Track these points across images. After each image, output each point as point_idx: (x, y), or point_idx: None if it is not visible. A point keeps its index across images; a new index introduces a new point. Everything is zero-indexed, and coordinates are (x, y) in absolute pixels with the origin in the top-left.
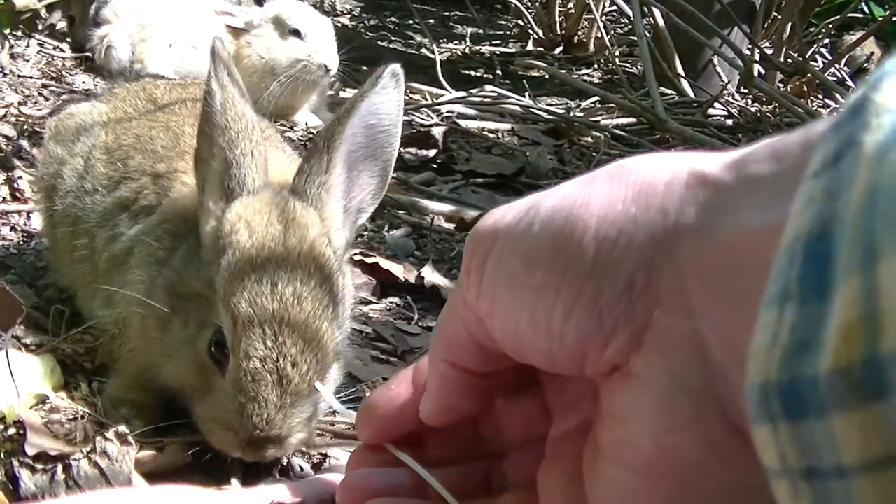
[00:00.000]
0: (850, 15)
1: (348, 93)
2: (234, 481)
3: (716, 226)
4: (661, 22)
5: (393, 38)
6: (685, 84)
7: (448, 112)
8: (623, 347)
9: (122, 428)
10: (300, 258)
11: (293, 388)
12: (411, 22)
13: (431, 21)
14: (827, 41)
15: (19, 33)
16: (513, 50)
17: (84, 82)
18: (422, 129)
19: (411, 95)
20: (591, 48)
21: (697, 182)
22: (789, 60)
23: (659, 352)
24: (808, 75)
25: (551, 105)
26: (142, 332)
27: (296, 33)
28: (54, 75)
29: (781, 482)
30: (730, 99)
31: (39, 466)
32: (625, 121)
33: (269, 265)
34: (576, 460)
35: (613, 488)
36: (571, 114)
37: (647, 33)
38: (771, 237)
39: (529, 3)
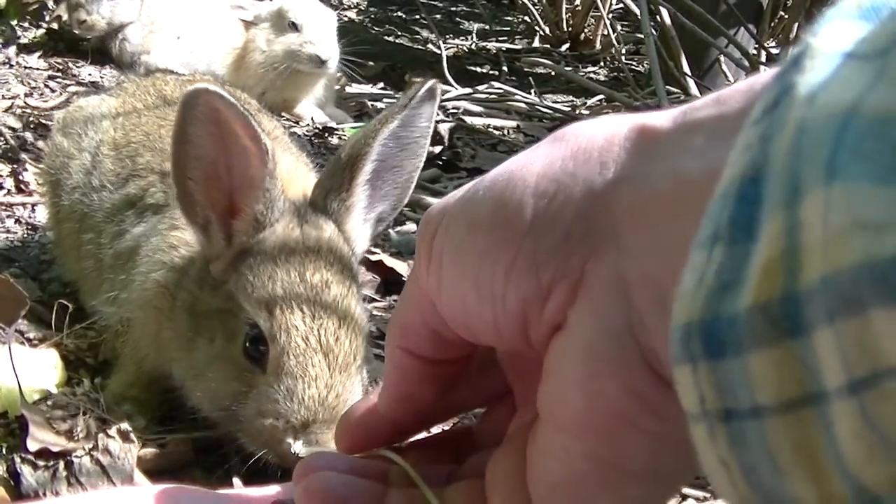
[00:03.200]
0: None
1: (354, 88)
2: (237, 480)
3: (652, 172)
4: (667, 21)
5: (399, 33)
6: (691, 83)
7: (454, 109)
8: (561, 302)
9: (125, 425)
10: (320, 252)
11: (339, 363)
12: (418, 17)
13: (438, 16)
14: None
15: (26, 24)
16: (519, 46)
17: (90, 74)
18: None
19: None
20: (598, 46)
21: (637, 134)
22: None
23: (587, 298)
24: None
25: (557, 102)
26: (156, 337)
27: (293, 26)
28: (61, 67)
29: (699, 425)
30: None
31: (41, 463)
32: None
33: (293, 259)
34: (523, 443)
35: (546, 452)
36: (577, 111)
37: (653, 32)
38: (705, 182)
39: (536, 0)
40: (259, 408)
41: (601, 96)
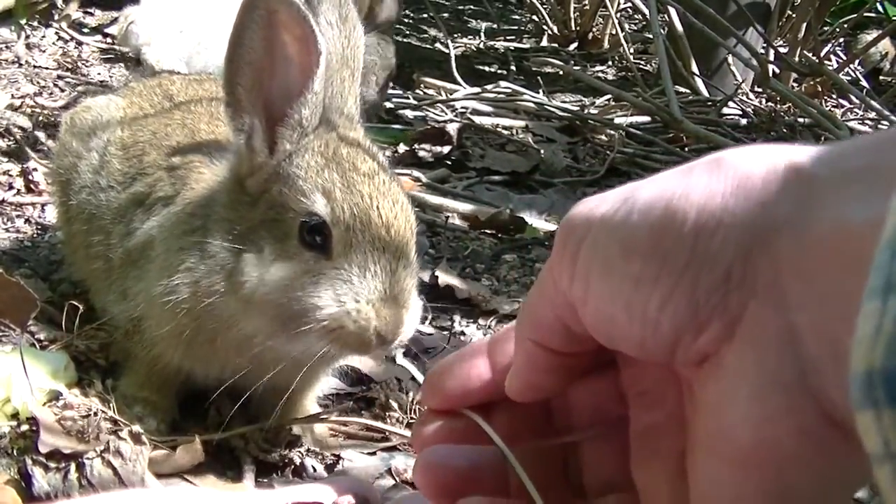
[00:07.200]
0: (864, 14)
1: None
2: (248, 481)
3: (812, 219)
4: (676, 21)
5: (407, 32)
6: (700, 83)
7: (462, 108)
8: (716, 337)
9: (136, 427)
10: (361, 147)
11: (402, 235)
12: (426, 16)
13: (446, 15)
14: (841, 40)
15: (35, 23)
16: (527, 46)
17: (99, 73)
18: (436, 126)
19: (425, 91)
20: (606, 45)
21: (794, 176)
22: (804, 60)
23: (751, 344)
24: (823, 76)
25: (566, 102)
26: (179, 336)
27: None
28: (70, 66)
29: (884, 467)
30: (744, 98)
31: (52, 465)
32: (639, 119)
33: (341, 152)
34: (677, 458)
35: (711, 481)
36: (586, 111)
37: (661, 32)
38: (867, 232)
39: None
40: (334, 292)
41: (609, 96)
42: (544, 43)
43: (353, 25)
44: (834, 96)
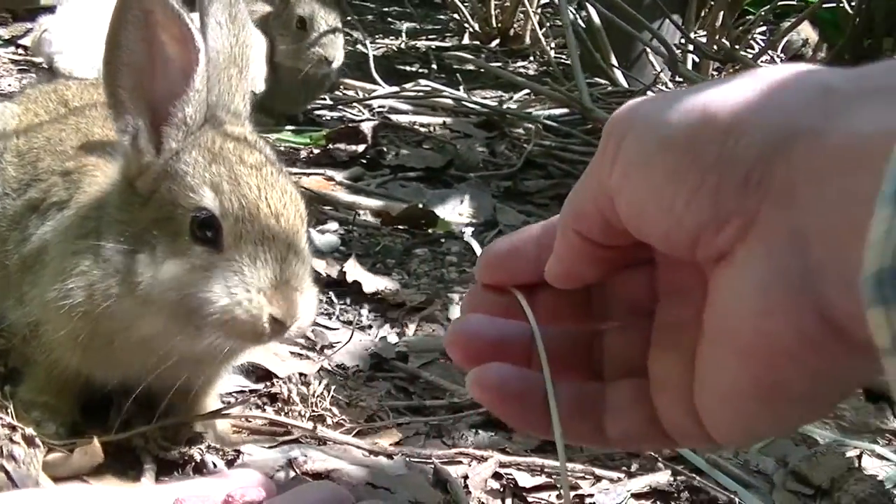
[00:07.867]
0: (786, 3)
1: None
2: (146, 480)
3: (830, 129)
4: (594, 14)
5: None
6: (619, 74)
7: (380, 108)
8: (732, 236)
9: (30, 430)
10: (247, 141)
11: (291, 224)
12: (349, 18)
13: (370, 17)
14: (765, 29)
15: None
16: (449, 44)
17: (10, 85)
18: (350, 125)
19: (345, 92)
20: (528, 41)
21: (820, 89)
22: (721, 49)
23: (761, 243)
24: (740, 63)
25: (485, 98)
26: (76, 339)
27: None
28: None
29: (892, 359)
30: (663, 87)
31: None
32: (557, 111)
33: (227, 146)
34: (692, 352)
35: (713, 368)
36: (504, 106)
37: (579, 22)
38: (881, 142)
39: None
40: (225, 284)
41: (528, 90)
42: (466, 41)
43: (242, 24)
44: None
